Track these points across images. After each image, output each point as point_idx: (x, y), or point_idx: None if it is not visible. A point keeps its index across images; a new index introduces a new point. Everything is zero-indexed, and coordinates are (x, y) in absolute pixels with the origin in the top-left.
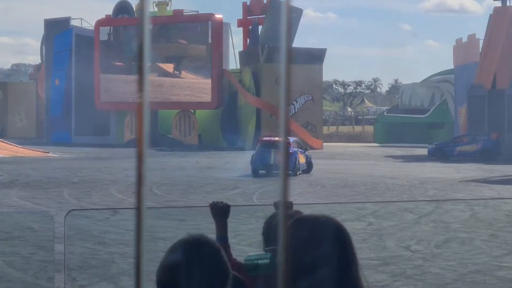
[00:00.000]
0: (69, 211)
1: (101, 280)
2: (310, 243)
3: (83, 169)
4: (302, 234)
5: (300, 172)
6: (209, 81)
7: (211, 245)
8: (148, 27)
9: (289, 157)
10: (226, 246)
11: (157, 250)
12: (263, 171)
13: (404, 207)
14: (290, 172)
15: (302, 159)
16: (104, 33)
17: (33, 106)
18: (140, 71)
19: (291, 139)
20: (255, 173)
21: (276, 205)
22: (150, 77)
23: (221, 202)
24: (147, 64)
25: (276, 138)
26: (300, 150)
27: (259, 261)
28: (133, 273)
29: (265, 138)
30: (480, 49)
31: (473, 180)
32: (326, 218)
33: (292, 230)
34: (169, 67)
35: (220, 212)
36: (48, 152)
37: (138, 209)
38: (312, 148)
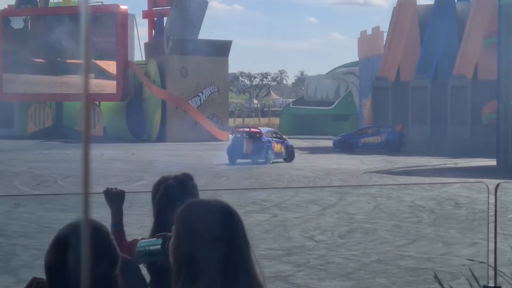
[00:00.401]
0: None
1: (2, 273)
2: (201, 226)
3: None
4: (193, 217)
5: (275, 161)
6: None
7: (98, 228)
8: (88, 17)
9: (262, 146)
10: (121, 233)
11: None
12: (241, 159)
13: (309, 199)
14: (262, 160)
15: (279, 148)
16: (19, 22)
17: None
18: (85, 61)
19: (265, 129)
20: (232, 162)
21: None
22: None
23: (116, 188)
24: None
25: (249, 129)
26: (275, 139)
27: (150, 247)
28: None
29: (239, 129)
30: (384, 41)
31: (378, 171)
32: (217, 202)
33: (183, 214)
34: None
35: (115, 198)
36: None
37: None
38: (218, 140)
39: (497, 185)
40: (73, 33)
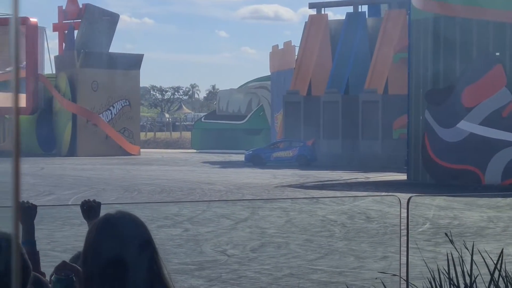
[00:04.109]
0: None
1: None
2: (109, 241)
3: None
4: (100, 235)
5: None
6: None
7: (7, 240)
8: (19, 29)
9: None
10: (35, 253)
11: None
12: None
13: (221, 213)
14: None
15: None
16: None
17: None
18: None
19: None
20: None
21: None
22: None
23: (28, 202)
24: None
25: None
26: None
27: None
28: None
29: None
30: (296, 56)
31: (289, 186)
32: (120, 213)
33: (91, 234)
34: None
35: (26, 213)
36: None
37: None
38: (129, 154)
39: (409, 199)
40: None
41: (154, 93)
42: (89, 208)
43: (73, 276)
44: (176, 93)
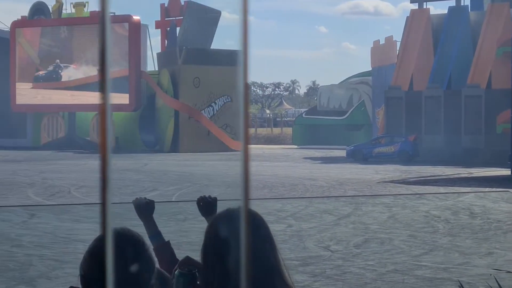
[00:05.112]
0: None
1: (19, 284)
2: (231, 235)
3: None
4: (222, 230)
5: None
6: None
7: (134, 237)
8: (109, 27)
9: None
10: (165, 244)
11: (76, 252)
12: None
13: (323, 209)
14: None
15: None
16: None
17: None
18: (102, 72)
19: None
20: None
21: (198, 202)
22: (71, 79)
23: (145, 198)
24: (109, 65)
25: None
26: None
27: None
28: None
29: None
30: (397, 51)
31: (392, 181)
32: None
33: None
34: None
35: (145, 208)
36: None
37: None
38: (230, 150)
39: None
40: (86, 44)
41: (255, 89)
42: (206, 204)
43: (195, 272)
44: (276, 89)
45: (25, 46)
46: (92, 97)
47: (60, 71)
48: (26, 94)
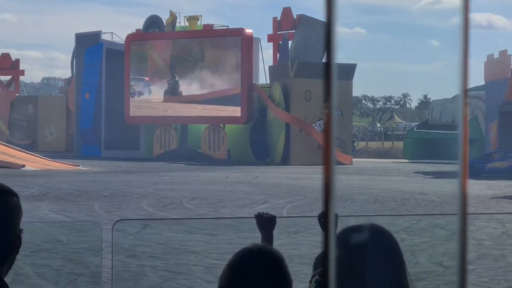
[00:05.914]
0: (116, 221)
1: None
2: (363, 250)
3: (113, 183)
4: (353, 243)
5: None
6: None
7: (275, 254)
8: (336, 29)
9: None
10: None
11: (188, 264)
12: None
13: (435, 224)
14: None
15: None
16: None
17: (63, 120)
18: (327, 79)
19: None
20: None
21: (319, 217)
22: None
23: (267, 213)
24: (335, 73)
25: None
26: None
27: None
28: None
29: None
30: None
31: (505, 197)
32: (373, 226)
33: (342, 241)
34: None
35: (266, 223)
36: (78, 165)
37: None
38: (341, 163)
39: None
40: (202, 57)
41: (365, 102)
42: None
43: None
44: (387, 102)
45: (156, 59)
46: (204, 110)
47: (178, 86)
48: (140, 106)
